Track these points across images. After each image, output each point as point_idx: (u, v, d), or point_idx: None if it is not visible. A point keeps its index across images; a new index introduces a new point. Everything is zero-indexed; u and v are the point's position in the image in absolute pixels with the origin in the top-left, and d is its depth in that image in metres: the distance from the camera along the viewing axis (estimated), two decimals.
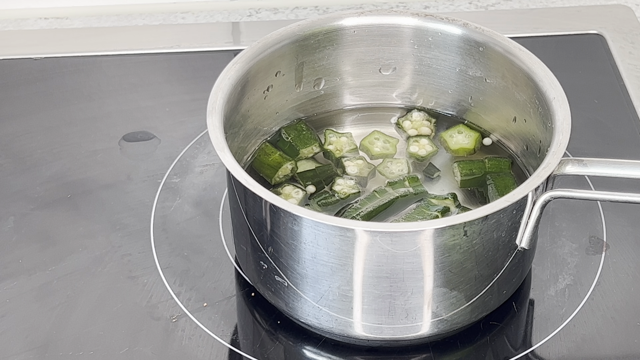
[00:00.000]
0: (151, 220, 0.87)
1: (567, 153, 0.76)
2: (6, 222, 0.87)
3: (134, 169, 0.91)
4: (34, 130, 0.95)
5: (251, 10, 1.13)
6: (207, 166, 0.91)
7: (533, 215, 0.73)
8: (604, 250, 0.84)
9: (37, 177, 0.91)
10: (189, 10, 1.12)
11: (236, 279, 0.82)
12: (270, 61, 0.83)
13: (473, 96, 0.86)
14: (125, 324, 0.79)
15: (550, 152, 0.73)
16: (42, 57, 1.03)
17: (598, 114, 0.97)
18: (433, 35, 0.85)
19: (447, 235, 0.70)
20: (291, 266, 0.74)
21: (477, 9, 1.13)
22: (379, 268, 0.71)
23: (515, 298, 0.80)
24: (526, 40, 0.84)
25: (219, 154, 0.73)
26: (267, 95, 0.84)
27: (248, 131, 0.84)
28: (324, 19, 0.85)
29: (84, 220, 0.87)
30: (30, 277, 0.82)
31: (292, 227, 0.71)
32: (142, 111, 0.98)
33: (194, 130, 0.95)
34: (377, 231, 0.70)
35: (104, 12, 1.12)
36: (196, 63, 1.03)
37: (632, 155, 0.77)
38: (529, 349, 0.78)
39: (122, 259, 0.84)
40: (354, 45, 0.86)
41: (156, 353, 0.77)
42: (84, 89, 1.00)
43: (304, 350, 0.78)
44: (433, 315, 0.75)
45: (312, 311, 0.75)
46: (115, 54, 1.04)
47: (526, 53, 0.81)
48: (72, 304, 0.80)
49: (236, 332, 0.79)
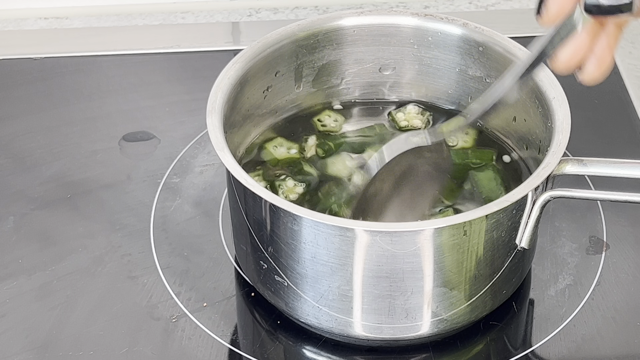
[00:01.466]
0: (151, 220, 0.87)
1: (567, 153, 0.76)
2: (6, 222, 0.87)
3: (134, 169, 0.91)
4: (34, 130, 0.95)
5: (251, 10, 1.13)
6: (207, 166, 0.91)
7: (533, 215, 0.73)
8: (604, 250, 0.84)
9: (37, 177, 0.91)
10: (189, 10, 1.12)
11: (236, 279, 0.82)
12: (270, 61, 0.83)
13: (473, 96, 0.86)
14: (125, 324, 0.79)
15: (549, 151, 0.73)
16: (42, 57, 1.03)
17: (598, 114, 0.97)
18: (433, 35, 0.85)
19: (447, 235, 0.70)
20: (291, 266, 0.74)
21: (477, 9, 1.13)
22: (379, 268, 0.71)
23: (515, 298, 0.80)
24: (526, 40, 0.84)
25: (219, 154, 0.73)
26: (267, 95, 0.84)
27: (248, 131, 0.84)
28: (324, 19, 0.85)
29: (84, 220, 0.87)
30: (30, 277, 0.82)
31: (291, 227, 0.71)
32: (142, 111, 0.98)
33: (194, 130, 0.95)
34: (376, 231, 0.70)
35: (104, 12, 1.12)
36: (196, 63, 1.03)
37: (632, 155, 0.77)
38: (529, 349, 0.78)
39: (122, 259, 0.84)
40: (354, 45, 0.86)
41: (156, 353, 0.77)
42: (84, 89, 1.00)
43: (304, 350, 0.78)
44: (433, 315, 0.75)
45: (312, 311, 0.75)
46: (115, 54, 1.04)
47: (526, 53, 0.81)
48: (72, 304, 0.80)
49: (236, 332, 0.79)
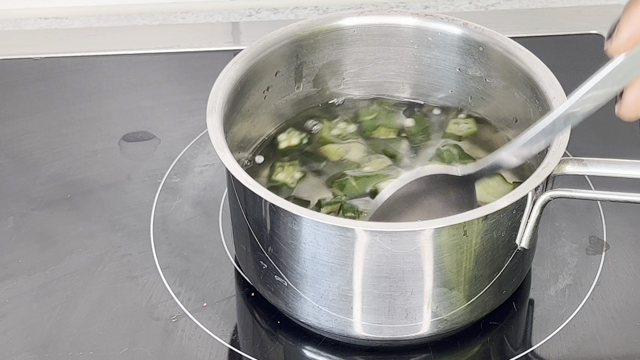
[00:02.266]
0: (151, 220, 0.87)
1: (567, 153, 0.76)
2: (6, 222, 0.87)
3: (134, 169, 0.91)
4: (34, 130, 0.95)
5: (251, 10, 1.13)
6: (207, 166, 0.91)
7: (533, 215, 0.73)
8: (604, 250, 0.84)
9: (37, 177, 0.91)
10: (189, 10, 1.12)
11: (236, 279, 0.82)
12: (270, 61, 0.83)
13: (473, 96, 0.86)
14: (125, 324, 0.79)
15: (550, 151, 0.73)
16: (42, 57, 1.03)
17: (598, 114, 0.96)
18: (433, 35, 0.85)
19: (447, 235, 0.70)
20: (291, 266, 0.74)
21: (477, 9, 1.13)
22: (379, 268, 0.71)
23: (515, 298, 0.80)
24: (526, 40, 0.84)
25: (219, 154, 0.73)
26: (267, 95, 0.84)
27: (248, 131, 0.84)
28: (324, 19, 0.85)
29: (84, 220, 0.87)
30: (30, 277, 0.82)
31: (291, 227, 0.71)
32: (142, 111, 0.98)
33: (194, 130, 0.95)
34: (376, 231, 0.70)
35: (104, 12, 1.12)
36: (196, 63, 1.03)
37: (632, 155, 0.77)
38: (529, 349, 0.78)
39: (122, 259, 0.84)
40: (354, 45, 0.86)
41: (156, 353, 0.77)
42: (84, 89, 1.00)
43: (304, 350, 0.78)
44: (433, 315, 0.75)
45: (312, 311, 0.75)
46: (115, 54, 1.04)
47: (526, 53, 0.81)
48: (72, 304, 0.80)
49: (236, 332, 0.79)
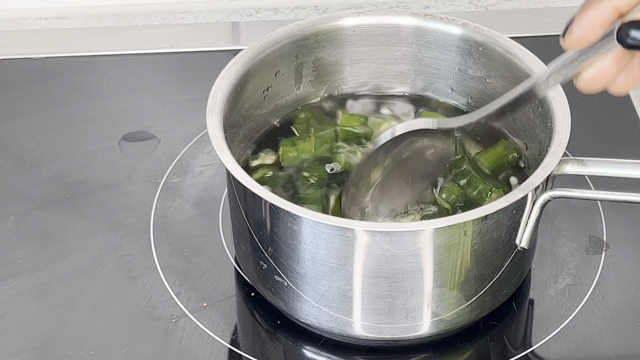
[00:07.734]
0: (151, 220, 0.87)
1: (567, 153, 0.76)
2: (6, 222, 0.87)
3: (133, 169, 0.91)
4: (34, 130, 0.95)
5: (251, 10, 1.13)
6: (207, 166, 0.91)
7: (533, 215, 0.73)
8: (604, 250, 0.84)
9: (37, 177, 0.91)
10: (189, 10, 1.12)
11: (236, 279, 0.82)
12: (270, 61, 0.83)
13: (473, 96, 0.86)
14: (125, 324, 0.79)
15: (549, 151, 0.73)
16: (42, 57, 1.03)
17: (598, 114, 0.97)
18: (433, 35, 0.85)
19: (447, 235, 0.70)
20: (291, 266, 0.74)
21: (477, 9, 1.13)
22: (379, 268, 0.71)
23: (515, 298, 0.80)
24: (526, 40, 0.84)
25: (219, 154, 0.73)
26: (267, 95, 0.84)
27: (248, 131, 0.84)
28: (324, 18, 0.85)
29: (84, 220, 0.87)
30: (30, 277, 0.82)
31: (291, 227, 0.71)
32: (142, 111, 0.98)
33: (194, 130, 0.95)
34: (376, 231, 0.70)
35: (104, 12, 1.12)
36: (196, 63, 1.03)
37: (632, 155, 0.77)
38: (529, 349, 0.78)
39: (122, 259, 0.84)
40: (354, 45, 0.86)
41: (156, 353, 0.77)
42: (84, 89, 1.00)
43: (304, 350, 0.78)
44: (433, 315, 0.75)
45: (311, 311, 0.75)
46: (115, 54, 1.04)
47: (526, 53, 0.81)
48: (72, 304, 0.80)
49: (236, 332, 0.79)
